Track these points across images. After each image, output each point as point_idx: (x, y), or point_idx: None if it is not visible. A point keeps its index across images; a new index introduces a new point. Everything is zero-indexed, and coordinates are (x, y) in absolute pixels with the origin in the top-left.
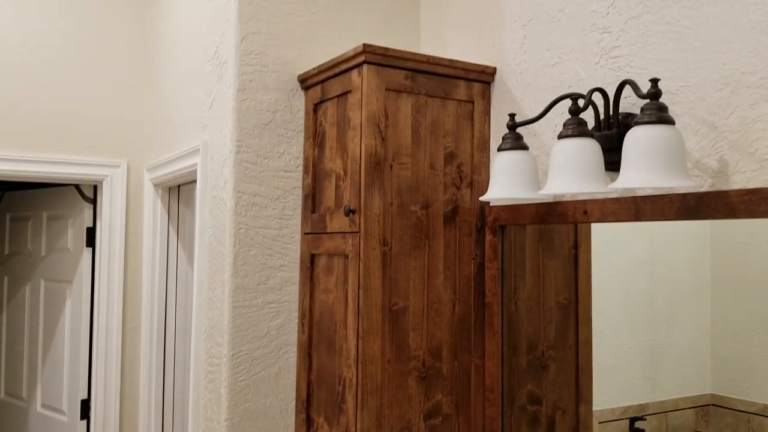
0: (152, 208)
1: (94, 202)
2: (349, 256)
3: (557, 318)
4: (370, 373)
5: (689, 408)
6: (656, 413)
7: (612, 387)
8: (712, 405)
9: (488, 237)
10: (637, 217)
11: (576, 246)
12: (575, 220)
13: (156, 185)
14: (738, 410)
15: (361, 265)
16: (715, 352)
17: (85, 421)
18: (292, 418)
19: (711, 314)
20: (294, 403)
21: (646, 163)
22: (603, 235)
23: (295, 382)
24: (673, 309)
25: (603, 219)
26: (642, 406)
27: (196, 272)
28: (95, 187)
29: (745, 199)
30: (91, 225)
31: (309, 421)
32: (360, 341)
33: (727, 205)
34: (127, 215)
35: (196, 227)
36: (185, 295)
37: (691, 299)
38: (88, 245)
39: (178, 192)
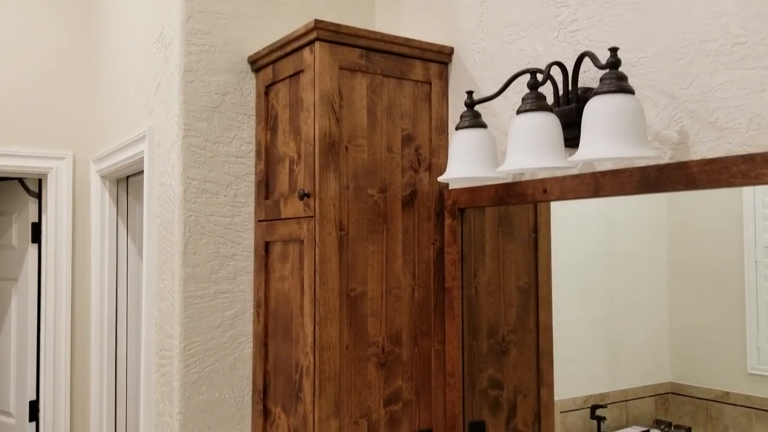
0: (100, 201)
1: (39, 196)
2: (305, 241)
3: (517, 302)
4: (327, 360)
5: (649, 396)
6: (617, 402)
7: (573, 377)
8: (672, 393)
9: (447, 221)
10: (597, 192)
11: (536, 230)
12: (535, 200)
13: (103, 177)
14: (697, 398)
15: (317, 251)
16: (674, 342)
17: (34, 423)
18: (249, 410)
19: (669, 303)
20: (250, 394)
21: (606, 134)
22: (561, 222)
23: (251, 373)
24: (632, 299)
25: (563, 197)
26: (603, 395)
27: (145, 263)
28: (40, 181)
29: (706, 169)
30: (36, 220)
31: (266, 412)
32: (317, 328)
33: (688, 176)
34: (74, 209)
35: (144, 216)
36: (136, 291)
37: (649, 289)
38: (33, 241)
39: (127, 184)
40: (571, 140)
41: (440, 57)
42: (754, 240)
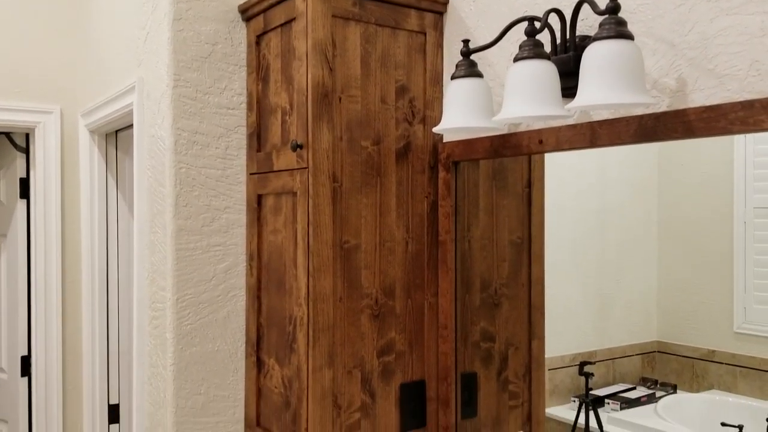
0: (89, 155)
1: (26, 151)
2: (298, 193)
3: (510, 256)
4: (321, 311)
5: (636, 355)
6: (604, 360)
7: (561, 335)
8: (658, 352)
9: (441, 174)
10: (593, 142)
11: (529, 185)
12: (530, 151)
13: (92, 131)
14: (683, 356)
15: (311, 202)
16: (662, 301)
17: (26, 378)
18: (242, 362)
19: (658, 263)
20: (244, 346)
21: (605, 80)
22: (552, 181)
23: (244, 326)
24: (622, 259)
25: (559, 147)
26: (590, 353)
27: (136, 216)
28: (27, 136)
29: (704, 116)
30: (24, 175)
31: (259, 364)
32: (311, 279)
33: (686, 124)
34: (63, 164)
35: (134, 169)
36: (127, 245)
37: (639, 249)
38: (22, 197)
39: (116, 139)
40: (569, 90)
41: (435, 6)
42: (744, 201)
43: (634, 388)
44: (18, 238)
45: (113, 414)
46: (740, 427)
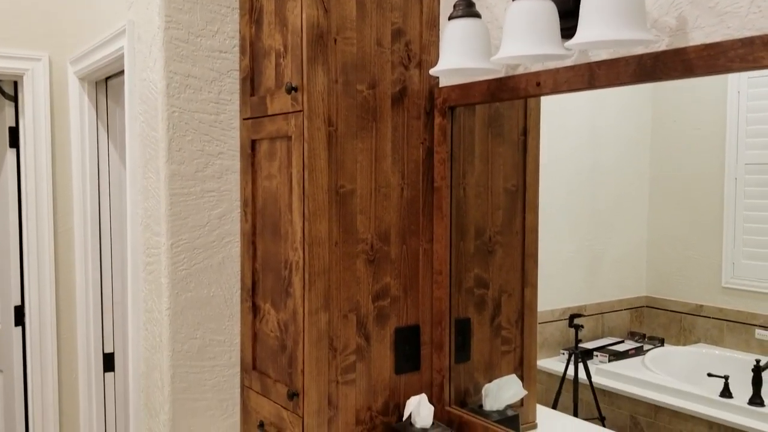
0: (78, 103)
1: (15, 99)
2: (293, 137)
3: (505, 204)
4: (317, 255)
5: (625, 309)
6: (593, 314)
7: (551, 290)
8: (647, 307)
9: (437, 120)
10: (592, 83)
11: (525, 132)
12: (527, 94)
13: (81, 79)
14: (671, 311)
15: (306, 146)
16: (651, 256)
17: (20, 328)
18: (238, 307)
19: (648, 219)
20: (239, 292)
21: (605, 17)
22: (545, 137)
23: (239, 272)
24: (613, 214)
25: (557, 89)
26: (580, 308)
27: (129, 162)
28: (15, 84)
29: (703, 54)
30: (13, 124)
31: (255, 309)
32: (306, 223)
33: (685, 62)
34: (52, 113)
35: (126, 115)
36: (119, 195)
37: (630, 204)
38: (11, 146)
39: (106, 87)
40: (568, 30)
41: None
42: (736, 157)
43: (622, 342)
44: (8, 187)
45: (108, 362)
46: (726, 378)
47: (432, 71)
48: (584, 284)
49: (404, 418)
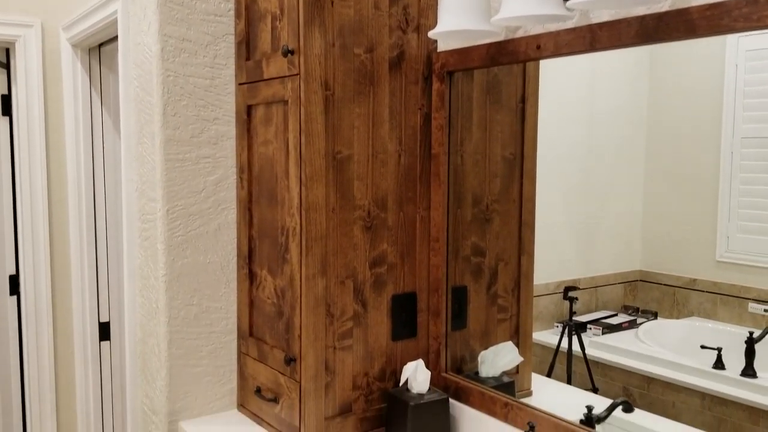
0: (72, 71)
1: (7, 66)
2: (289, 101)
3: (502, 172)
4: (314, 221)
5: (618, 283)
6: (587, 288)
7: (546, 263)
8: (640, 281)
9: (435, 85)
10: (593, 45)
11: (524, 100)
12: (528, 57)
13: (74, 45)
14: (665, 284)
15: (303, 110)
16: (646, 230)
17: (15, 297)
18: (234, 274)
19: (643, 192)
20: (235, 259)
21: None
22: (544, 109)
23: (235, 238)
24: (608, 188)
25: (557, 52)
26: (574, 282)
27: (123, 128)
28: (7, 51)
29: (707, 14)
30: (5, 92)
31: (252, 275)
32: (303, 188)
33: (688, 23)
34: (45, 80)
35: (120, 80)
36: (113, 163)
37: (625, 178)
38: (4, 114)
39: (99, 54)
40: None
41: None
42: (732, 130)
43: (615, 315)
44: (1, 155)
45: (104, 331)
46: (719, 350)
47: (430, 33)
48: (578, 258)
49: (401, 384)
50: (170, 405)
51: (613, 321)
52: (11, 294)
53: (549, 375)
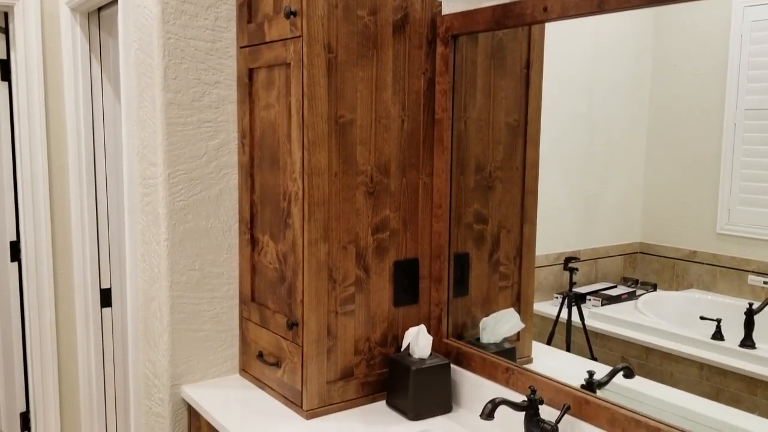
0: (71, 35)
1: (6, 31)
2: (291, 64)
3: (506, 139)
4: (316, 185)
5: (618, 255)
6: (587, 260)
7: (546, 234)
8: (640, 253)
9: (440, 49)
10: (601, 7)
11: (528, 66)
12: (534, 20)
13: (73, 10)
14: (665, 257)
15: (305, 73)
16: (647, 202)
17: (15, 263)
18: (236, 240)
19: (645, 164)
20: (237, 224)
21: None
22: (545, 79)
23: (237, 204)
24: (609, 160)
25: (564, 14)
26: (574, 253)
27: (124, 92)
28: (6, 15)
29: None
30: (4, 57)
31: (253, 241)
32: (306, 153)
33: None
34: (44, 45)
35: (120, 43)
36: (113, 128)
37: (627, 149)
38: (3, 79)
39: (99, 18)
40: None
41: None
42: (736, 102)
43: (614, 287)
44: (1, 121)
45: (105, 298)
46: (718, 321)
47: None
48: (579, 230)
49: (402, 349)
50: (172, 369)
51: (613, 292)
52: (12, 260)
53: (549, 344)
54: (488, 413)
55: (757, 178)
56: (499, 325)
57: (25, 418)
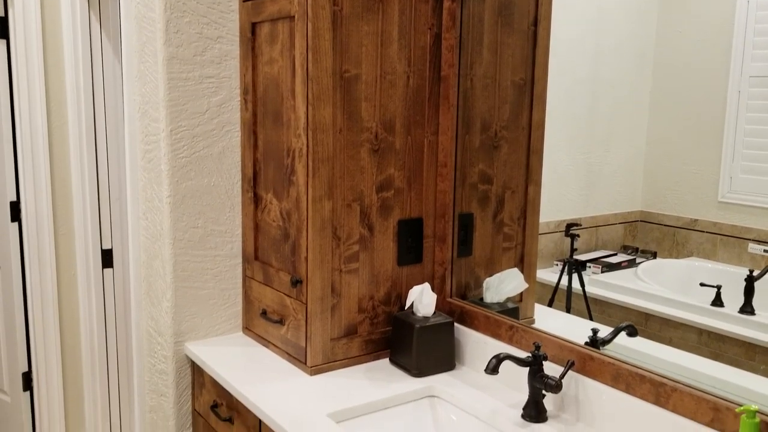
0: None
1: None
2: (296, 17)
3: (512, 98)
4: (321, 142)
5: (619, 223)
6: (587, 228)
7: (547, 202)
8: (641, 221)
9: (447, 3)
10: None
11: (536, 23)
12: None
13: None
14: (665, 225)
15: (310, 25)
16: (648, 170)
17: (16, 224)
18: (239, 198)
19: (647, 131)
20: (240, 182)
21: None
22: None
23: (240, 162)
24: (612, 127)
25: None
26: (575, 221)
27: (125, 47)
28: None
29: None
30: (2, 14)
31: (257, 199)
32: (310, 108)
33: None
34: (42, 2)
35: None
36: (113, 87)
37: (629, 116)
38: (1, 37)
39: None
40: None
41: None
42: (741, 69)
43: (615, 255)
44: None
45: (107, 258)
46: (718, 287)
47: None
48: (580, 197)
49: (406, 307)
50: (176, 326)
51: (613, 260)
52: (12, 221)
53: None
54: (493, 368)
55: (759, 146)
56: (503, 284)
57: (27, 378)
